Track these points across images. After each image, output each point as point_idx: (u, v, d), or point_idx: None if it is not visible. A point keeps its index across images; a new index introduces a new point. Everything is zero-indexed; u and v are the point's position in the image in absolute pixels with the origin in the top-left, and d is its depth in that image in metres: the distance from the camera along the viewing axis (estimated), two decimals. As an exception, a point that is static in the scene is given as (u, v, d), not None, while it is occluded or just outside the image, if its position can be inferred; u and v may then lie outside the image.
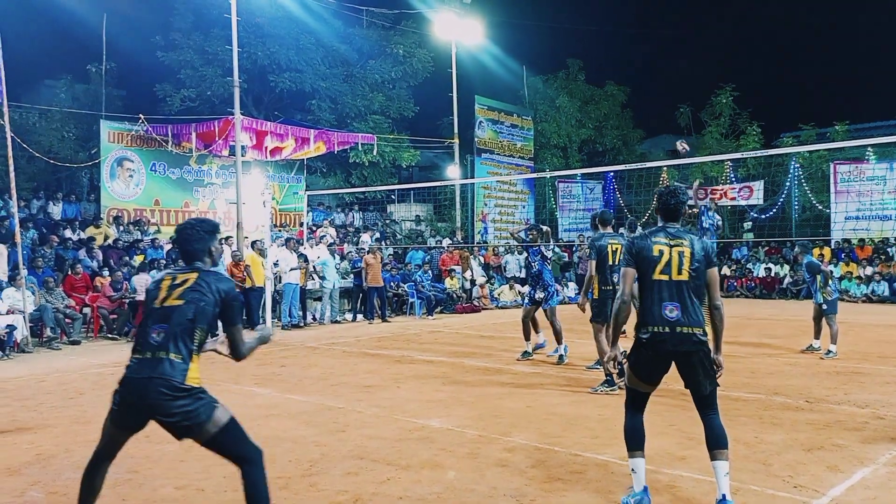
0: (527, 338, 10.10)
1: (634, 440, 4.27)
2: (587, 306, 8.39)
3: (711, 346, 4.18)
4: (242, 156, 16.81)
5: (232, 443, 3.47)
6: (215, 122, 16.92)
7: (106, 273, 14.08)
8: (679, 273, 4.10)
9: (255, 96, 22.56)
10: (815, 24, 48.03)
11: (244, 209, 16.66)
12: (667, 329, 4.06)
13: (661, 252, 4.13)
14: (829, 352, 9.81)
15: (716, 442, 4.16)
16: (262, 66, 21.24)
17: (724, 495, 4.03)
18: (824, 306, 9.95)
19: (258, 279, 14.31)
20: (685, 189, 6.11)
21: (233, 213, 17.44)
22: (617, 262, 7.55)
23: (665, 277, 4.10)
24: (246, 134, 16.98)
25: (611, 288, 7.67)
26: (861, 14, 45.25)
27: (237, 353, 3.65)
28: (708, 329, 4.20)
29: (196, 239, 3.62)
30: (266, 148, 17.88)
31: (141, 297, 13.94)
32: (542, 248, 10.07)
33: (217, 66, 20.43)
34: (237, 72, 16.41)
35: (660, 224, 4.32)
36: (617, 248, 7.76)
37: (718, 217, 11.36)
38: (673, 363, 4.19)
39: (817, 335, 10.26)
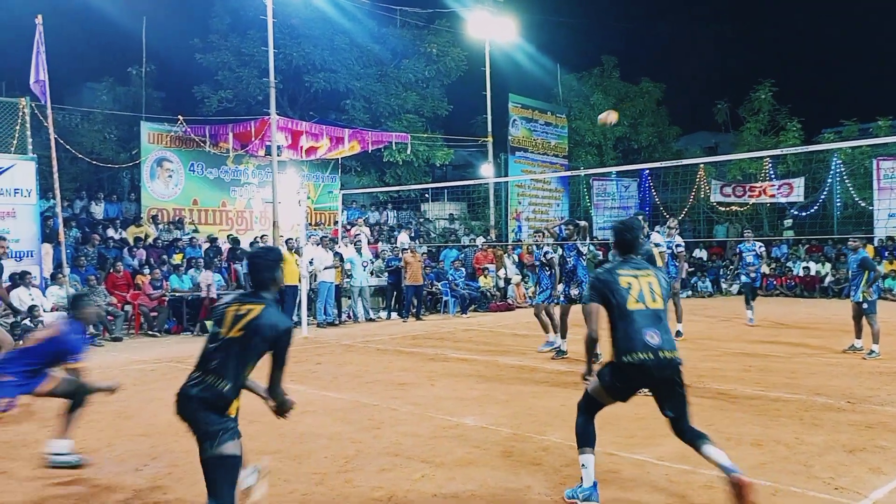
0: (563, 336, 10.03)
1: (588, 438, 4.36)
2: None
3: None
4: (278, 155, 17.00)
5: (218, 478, 3.47)
6: (252, 122, 17.13)
7: (146, 271, 14.35)
8: (653, 301, 4.22)
9: (290, 96, 22.79)
10: (856, 18, 46.91)
11: (280, 208, 16.86)
12: (651, 356, 4.10)
13: (630, 284, 4.23)
14: (872, 352, 9.59)
15: (703, 439, 4.22)
16: (297, 66, 21.44)
17: (730, 464, 4.03)
18: (864, 305, 9.72)
19: (292, 277, 14.45)
20: (640, 220, 6.50)
21: (269, 212, 17.65)
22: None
23: (641, 307, 4.19)
24: (282, 134, 17.17)
25: None
26: (906, 6, 44.02)
27: (274, 392, 3.73)
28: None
29: (265, 268, 3.76)
30: (301, 147, 18.05)
31: (183, 293, 14.20)
32: (578, 244, 10.04)
33: (253, 66, 20.68)
34: (273, 72, 16.59)
35: (619, 258, 4.41)
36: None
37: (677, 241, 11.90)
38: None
39: (858, 335, 10.02)
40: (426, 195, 25.12)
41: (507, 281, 19.08)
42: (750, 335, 12.12)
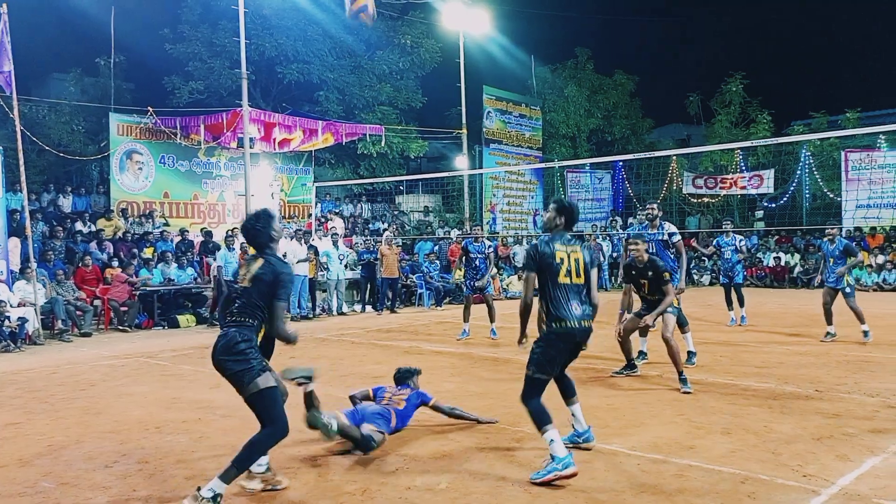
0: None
1: (546, 416, 4.73)
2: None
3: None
4: (251, 147, 16.82)
5: (262, 410, 4.28)
6: (223, 114, 16.93)
7: (116, 264, 14.15)
8: (577, 277, 4.86)
9: (262, 88, 22.57)
10: (825, 12, 47.57)
11: (253, 201, 16.69)
12: (576, 324, 4.79)
13: (562, 259, 4.82)
14: (867, 332, 10.02)
15: (572, 390, 5.23)
16: (269, 57, 21.21)
17: (588, 427, 5.22)
18: (847, 290, 10.11)
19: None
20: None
21: (241, 205, 17.49)
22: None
23: (567, 280, 4.81)
24: (254, 126, 17.00)
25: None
26: (872, 1, 44.76)
27: (273, 327, 4.39)
28: None
29: (258, 233, 4.45)
30: (274, 140, 17.89)
31: (154, 288, 14.03)
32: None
33: (225, 57, 20.41)
34: (245, 63, 16.39)
35: (560, 231, 4.99)
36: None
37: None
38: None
39: (830, 321, 10.30)
40: (401, 187, 25.06)
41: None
42: (721, 326, 12.27)
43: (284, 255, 14.71)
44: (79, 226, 15.89)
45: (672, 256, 8.91)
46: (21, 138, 12.32)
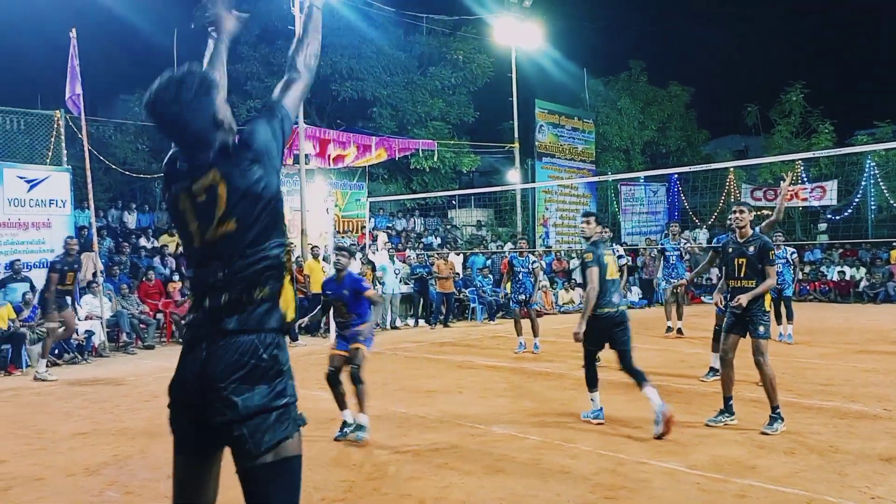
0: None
1: (594, 381, 6.55)
2: None
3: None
4: (306, 164, 17.14)
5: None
6: (280, 131, 17.28)
7: (177, 279, 14.55)
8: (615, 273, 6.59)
9: (317, 105, 23.00)
10: (889, 19, 46.04)
11: (308, 216, 16.99)
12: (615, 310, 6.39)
13: (608, 261, 6.46)
14: None
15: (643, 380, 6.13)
16: (324, 75, 21.63)
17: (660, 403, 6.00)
18: None
19: (318, 286, 14.56)
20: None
21: (297, 220, 17.80)
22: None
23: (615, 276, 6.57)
24: (309, 142, 17.34)
25: None
26: (941, 4, 43.12)
27: None
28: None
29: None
30: (329, 156, 18.21)
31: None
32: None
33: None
34: (301, 82, 16.75)
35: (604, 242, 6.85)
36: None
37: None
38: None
39: None
40: (453, 202, 25.15)
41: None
42: (773, 340, 11.91)
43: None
44: (143, 241, 16.40)
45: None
46: (89, 157, 12.82)
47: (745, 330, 6.24)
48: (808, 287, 21.21)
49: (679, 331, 12.54)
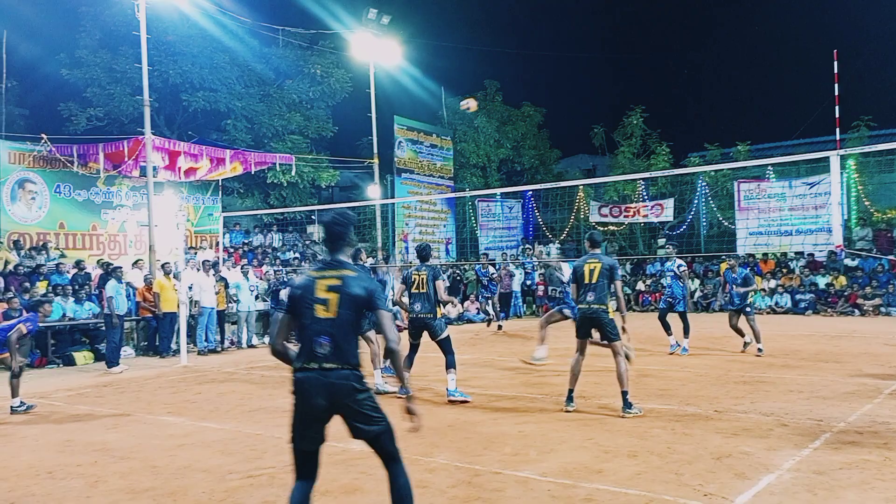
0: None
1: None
2: None
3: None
4: (154, 176, 16.28)
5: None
6: (125, 141, 16.34)
7: (9, 297, 13.32)
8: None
9: (167, 116, 21.94)
10: (718, 51, 50.55)
11: (157, 231, 16.13)
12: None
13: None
14: (761, 349, 11.33)
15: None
16: (173, 84, 20.67)
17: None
18: (748, 310, 11.49)
19: (169, 304, 13.86)
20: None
21: (145, 235, 16.85)
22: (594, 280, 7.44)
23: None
24: (158, 154, 16.47)
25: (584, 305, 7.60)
26: (760, 44, 47.99)
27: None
28: None
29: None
30: (179, 168, 17.37)
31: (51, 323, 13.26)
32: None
33: (126, 84, 19.74)
34: (147, 90, 15.94)
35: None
36: (594, 268, 7.48)
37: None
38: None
39: (742, 334, 11.72)
40: (312, 217, 24.78)
41: (394, 303, 19.01)
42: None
43: (191, 287, 14.26)
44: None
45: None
46: None
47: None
48: (649, 297, 22.67)
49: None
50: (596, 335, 7.93)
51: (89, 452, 6.37)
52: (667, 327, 12.05)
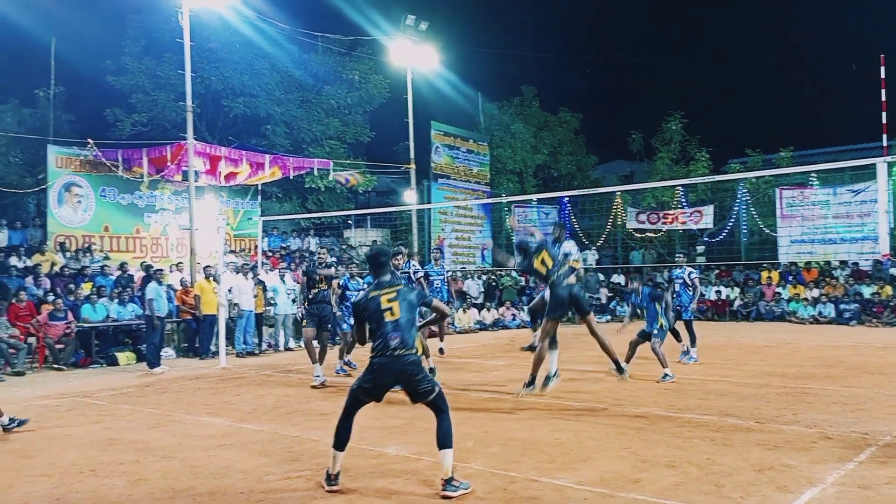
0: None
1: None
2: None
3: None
4: (196, 181, 16.58)
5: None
6: (167, 146, 16.68)
7: (52, 300, 13.69)
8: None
9: (208, 121, 22.34)
10: (761, 55, 49.74)
11: (197, 235, 16.41)
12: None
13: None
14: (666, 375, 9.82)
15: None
16: (215, 90, 21.05)
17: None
18: (655, 332, 9.97)
19: (209, 307, 14.08)
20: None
21: (186, 239, 17.16)
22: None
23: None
24: (199, 159, 16.77)
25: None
26: (804, 47, 47.06)
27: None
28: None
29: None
30: (220, 173, 17.66)
31: (93, 324, 13.56)
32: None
33: (169, 90, 20.17)
34: (190, 96, 16.24)
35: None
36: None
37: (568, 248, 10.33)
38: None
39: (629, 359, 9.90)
40: (349, 221, 24.98)
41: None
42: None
43: (230, 290, 14.47)
44: (13, 260, 15.33)
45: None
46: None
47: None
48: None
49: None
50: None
51: (132, 451, 6.50)
52: (675, 334, 11.70)
